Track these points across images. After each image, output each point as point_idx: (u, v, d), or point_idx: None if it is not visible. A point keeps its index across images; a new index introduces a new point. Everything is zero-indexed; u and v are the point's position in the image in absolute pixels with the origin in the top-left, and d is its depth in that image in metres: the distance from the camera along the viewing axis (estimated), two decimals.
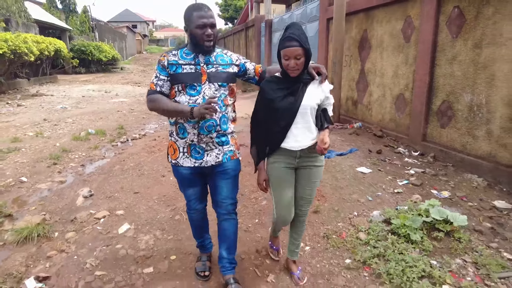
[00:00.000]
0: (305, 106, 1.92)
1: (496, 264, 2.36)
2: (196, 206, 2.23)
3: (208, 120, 1.92)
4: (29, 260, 2.76)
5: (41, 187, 4.23)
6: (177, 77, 1.92)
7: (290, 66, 1.84)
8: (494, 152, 3.75)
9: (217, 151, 2.04)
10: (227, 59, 2.03)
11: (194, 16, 1.84)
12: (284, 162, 2.03)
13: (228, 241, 2.20)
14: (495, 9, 3.63)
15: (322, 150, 1.86)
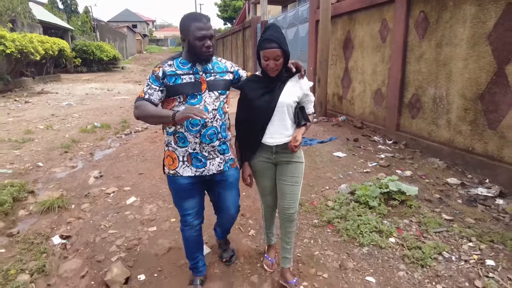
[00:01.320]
0: (281, 104, 1.96)
1: (434, 223, 2.92)
2: (193, 221, 2.13)
3: (210, 128, 1.94)
4: (52, 224, 3.31)
5: (56, 170, 4.79)
6: (177, 88, 1.89)
7: (269, 67, 1.89)
8: (452, 138, 4.31)
9: (219, 160, 2.04)
10: (222, 67, 2.05)
11: (193, 27, 1.83)
12: (262, 156, 2.09)
13: (225, 229, 2.45)
14: (451, 14, 4.19)
15: (293, 147, 1.91)
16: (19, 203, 3.75)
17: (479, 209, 3.23)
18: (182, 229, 2.18)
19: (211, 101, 1.94)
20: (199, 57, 1.90)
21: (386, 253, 2.58)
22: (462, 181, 3.78)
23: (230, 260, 2.51)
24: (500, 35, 3.60)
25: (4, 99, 10.91)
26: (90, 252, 2.83)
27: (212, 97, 1.95)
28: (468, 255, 2.54)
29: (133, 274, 2.48)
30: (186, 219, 2.12)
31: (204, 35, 1.82)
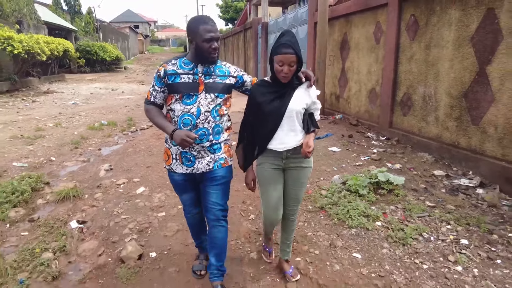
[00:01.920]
0: (291, 110, 1.98)
1: (418, 209, 3.21)
2: (192, 210, 2.32)
3: (200, 129, 1.99)
4: (69, 212, 3.61)
5: (68, 164, 5.09)
6: (174, 87, 1.96)
7: (283, 72, 1.89)
8: (440, 133, 4.60)
9: (209, 159, 2.07)
10: (225, 70, 2.07)
11: (201, 30, 1.88)
12: (271, 163, 2.08)
13: (217, 249, 2.22)
14: (439, 18, 4.48)
15: (307, 153, 1.92)
16: (36, 193, 4.04)
17: (460, 197, 3.52)
18: (185, 216, 2.41)
19: (205, 103, 1.98)
20: (205, 58, 1.95)
21: (372, 234, 2.87)
22: (447, 173, 4.07)
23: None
24: (481, 38, 3.89)
25: (12, 98, 11.23)
26: (105, 234, 3.13)
27: (207, 99, 1.98)
28: (445, 235, 2.83)
29: (145, 251, 2.78)
30: (186, 208, 2.35)
31: (211, 37, 1.88)
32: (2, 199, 3.60)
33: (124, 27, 41.12)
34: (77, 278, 2.57)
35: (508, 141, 3.65)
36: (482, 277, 2.35)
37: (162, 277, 2.49)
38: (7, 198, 3.64)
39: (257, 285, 2.38)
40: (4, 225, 3.29)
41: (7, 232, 3.20)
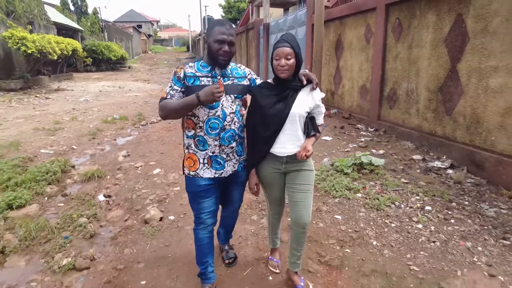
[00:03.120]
0: (294, 114, 1.94)
1: (393, 184, 3.80)
2: (207, 219, 2.16)
3: (228, 131, 1.99)
4: (95, 188, 4.21)
5: (88, 152, 5.69)
6: (195, 89, 1.90)
7: (280, 65, 1.87)
8: (420, 124, 5.17)
9: (235, 161, 2.11)
10: (241, 72, 2.09)
11: (215, 30, 1.89)
12: (271, 166, 2.07)
13: (228, 227, 2.57)
14: (419, 21, 5.05)
15: (302, 155, 1.89)
16: (65, 174, 4.64)
17: (432, 176, 4.10)
18: (196, 231, 2.22)
19: (228, 105, 1.98)
20: (215, 60, 1.93)
21: (352, 202, 3.46)
22: (424, 157, 4.65)
23: (232, 262, 2.55)
24: (452, 39, 4.47)
25: (26, 95, 11.85)
26: (129, 205, 3.72)
27: (229, 100, 1.99)
28: (413, 203, 3.41)
29: (165, 215, 3.38)
30: (200, 217, 2.16)
31: (223, 39, 1.88)
32: (39, 177, 4.19)
33: (128, 27, 41.73)
34: (109, 236, 3.16)
35: (473, 129, 4.23)
36: (436, 231, 2.94)
37: (179, 233, 3.08)
38: (42, 176, 4.24)
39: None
40: (43, 198, 3.88)
41: (46, 203, 3.79)
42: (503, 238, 2.84)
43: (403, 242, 2.80)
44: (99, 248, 2.97)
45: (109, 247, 2.97)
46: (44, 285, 2.50)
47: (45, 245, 2.99)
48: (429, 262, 2.55)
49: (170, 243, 2.93)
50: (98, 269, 2.66)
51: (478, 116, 4.16)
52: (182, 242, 2.93)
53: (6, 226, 3.23)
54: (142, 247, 2.91)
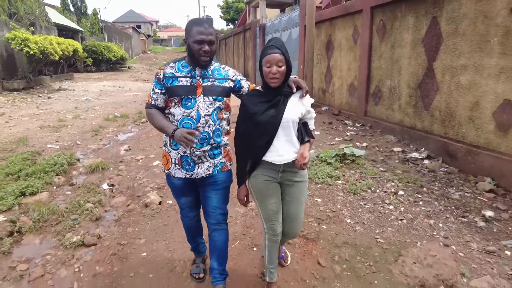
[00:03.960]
0: (287, 119, 1.90)
1: (372, 172, 4.16)
2: (189, 213, 2.30)
3: (201, 133, 1.96)
4: (99, 179, 4.57)
5: (92, 147, 6.05)
6: (172, 90, 1.94)
7: (271, 73, 1.83)
8: (402, 118, 5.54)
9: (208, 164, 2.06)
10: (224, 74, 2.05)
11: (194, 31, 1.87)
12: (267, 175, 2.00)
13: (218, 252, 2.22)
14: (400, 23, 5.42)
15: (301, 165, 1.84)
16: (71, 166, 5.00)
17: (409, 166, 4.47)
18: (182, 219, 2.38)
19: (204, 106, 1.96)
20: (196, 60, 1.92)
21: (332, 187, 3.83)
22: (403, 149, 5.02)
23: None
24: (429, 40, 4.83)
25: (29, 95, 12.21)
26: (131, 192, 4.09)
27: (206, 102, 1.96)
28: (387, 189, 3.78)
29: (163, 200, 3.74)
30: (183, 212, 2.33)
31: (202, 40, 1.86)
32: (48, 168, 4.56)
33: (127, 27, 42.07)
34: (113, 218, 3.53)
35: (447, 122, 4.60)
36: (405, 211, 3.31)
37: (176, 215, 3.42)
38: (51, 168, 4.60)
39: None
40: (52, 187, 4.24)
41: (55, 191, 4.16)
42: (462, 216, 3.21)
43: (374, 220, 3.17)
44: (105, 228, 3.33)
45: (113, 227, 3.33)
46: (58, 257, 2.86)
47: (56, 226, 3.35)
48: (394, 236, 2.92)
49: (168, 223, 3.29)
50: (104, 244, 3.03)
51: (451, 110, 4.52)
52: (179, 222, 3.27)
53: (21, 210, 3.59)
54: (143, 226, 3.28)
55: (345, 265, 2.56)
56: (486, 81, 3.98)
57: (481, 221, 3.11)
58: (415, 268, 2.45)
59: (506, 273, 2.44)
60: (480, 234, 2.94)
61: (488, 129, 4.00)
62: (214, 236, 2.21)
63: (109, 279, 2.57)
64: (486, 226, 3.04)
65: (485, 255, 2.64)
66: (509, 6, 3.64)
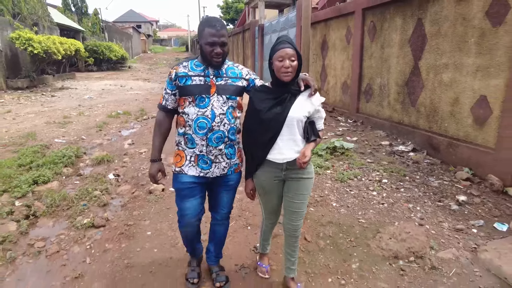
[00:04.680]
0: (291, 118, 1.89)
1: (359, 163, 4.48)
2: (191, 220, 2.14)
3: (216, 132, 1.96)
4: (105, 170, 4.88)
5: (97, 141, 6.36)
6: (186, 89, 1.94)
7: (284, 67, 1.82)
8: (391, 114, 5.85)
9: (225, 164, 2.06)
10: (237, 72, 2.05)
11: (206, 32, 1.86)
12: (270, 173, 2.01)
13: (217, 240, 2.37)
14: (389, 24, 5.73)
15: (301, 164, 1.84)
16: (78, 159, 5.31)
17: (395, 157, 4.78)
18: (181, 226, 2.23)
19: (219, 105, 1.95)
20: (210, 62, 1.93)
21: (321, 176, 4.14)
22: (391, 143, 5.33)
23: (223, 286, 2.34)
24: (415, 40, 5.15)
25: (33, 93, 12.51)
26: (135, 181, 4.40)
27: (220, 101, 1.96)
28: (373, 177, 4.10)
29: (166, 187, 4.05)
30: (184, 219, 2.15)
31: (214, 42, 1.86)
32: (57, 160, 4.87)
33: (128, 27, 42.36)
34: (120, 204, 3.84)
35: (432, 117, 4.91)
36: (387, 197, 3.62)
37: None
38: (60, 160, 4.91)
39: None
40: (62, 177, 4.55)
41: (65, 181, 4.46)
42: (439, 201, 3.52)
43: (358, 204, 3.49)
44: (112, 212, 3.64)
45: (120, 211, 3.64)
46: (70, 237, 3.17)
47: (67, 211, 3.65)
48: (375, 217, 3.23)
49: (171, 207, 3.60)
50: (112, 226, 3.34)
51: (435, 106, 4.84)
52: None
53: (35, 196, 3.90)
54: (147, 209, 3.59)
55: (329, 241, 2.88)
56: (464, 78, 4.29)
57: (455, 205, 3.43)
58: (390, 242, 2.77)
59: (470, 246, 2.75)
60: (453, 215, 3.25)
61: (466, 123, 4.31)
62: (217, 230, 2.34)
63: (118, 253, 2.88)
64: (459, 209, 3.36)
65: (454, 233, 2.96)
66: (484, 10, 3.95)
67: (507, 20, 3.70)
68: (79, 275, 2.61)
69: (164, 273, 2.58)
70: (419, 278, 2.41)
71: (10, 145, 5.73)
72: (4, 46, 12.80)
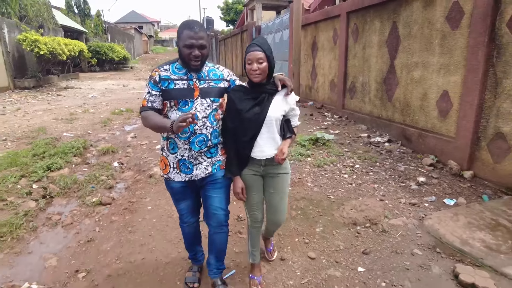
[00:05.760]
0: (270, 117, 1.97)
1: (337, 152, 5.00)
2: (189, 219, 2.25)
3: (199, 135, 1.95)
4: (110, 159, 5.41)
5: (102, 135, 6.90)
6: (169, 93, 1.91)
7: (252, 70, 1.90)
8: (371, 109, 6.38)
9: (206, 163, 2.05)
10: (219, 74, 2.05)
11: (184, 35, 1.84)
12: (249, 169, 2.10)
13: (217, 251, 2.26)
14: (369, 26, 6.26)
15: (279, 160, 1.96)
16: (85, 150, 5.85)
17: (370, 147, 5.31)
18: (181, 226, 2.33)
19: (202, 109, 1.95)
20: (188, 65, 1.91)
21: (301, 163, 4.67)
22: (369, 135, 5.86)
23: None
24: (391, 41, 5.67)
25: (39, 93, 13.08)
26: (138, 168, 4.94)
27: (203, 104, 1.96)
28: (347, 163, 4.62)
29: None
30: (182, 218, 2.26)
31: (191, 44, 1.83)
32: (67, 150, 5.41)
33: (129, 28, 42.90)
34: (124, 186, 4.38)
35: (405, 111, 5.43)
36: (356, 179, 4.15)
37: None
38: (69, 150, 5.45)
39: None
40: (71, 165, 5.09)
41: (75, 168, 5.00)
42: (402, 182, 4.04)
43: (330, 184, 4.02)
44: (117, 193, 4.18)
45: (124, 192, 4.18)
46: (82, 212, 3.71)
47: (78, 192, 4.19)
48: (343, 194, 3.76)
49: None
50: (118, 203, 3.88)
51: (407, 101, 5.36)
52: None
53: (49, 180, 4.44)
54: (148, 190, 4.13)
55: (300, 211, 3.41)
56: (431, 75, 4.81)
57: (415, 185, 3.95)
58: (351, 212, 3.29)
59: (419, 216, 3.27)
60: (411, 193, 3.78)
61: (433, 115, 4.83)
62: (215, 238, 2.23)
63: (122, 223, 3.42)
64: (417, 189, 3.88)
65: (408, 206, 3.48)
66: (445, 15, 4.47)
67: (462, 25, 4.22)
68: (91, 239, 3.15)
69: (161, 235, 3.12)
70: (370, 239, 2.94)
71: (24, 138, 6.29)
72: (11, 48, 13.37)
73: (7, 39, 13.12)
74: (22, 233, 3.24)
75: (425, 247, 2.79)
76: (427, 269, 2.51)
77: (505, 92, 3.73)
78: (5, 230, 3.19)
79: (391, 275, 2.46)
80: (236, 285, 2.43)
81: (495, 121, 3.86)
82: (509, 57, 3.66)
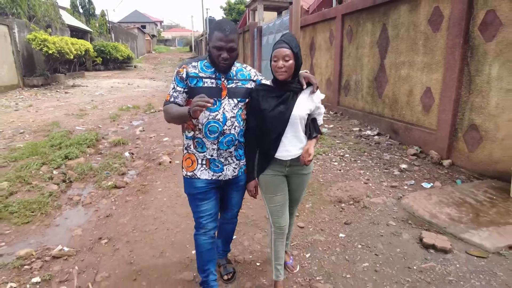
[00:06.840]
0: (295, 116, 1.93)
1: (329, 143, 5.45)
2: (208, 223, 2.11)
3: (227, 135, 1.94)
4: (121, 150, 5.88)
5: (112, 129, 7.37)
6: (197, 91, 1.87)
7: (277, 67, 1.86)
8: (364, 106, 6.82)
9: (234, 165, 2.07)
10: (246, 74, 2.03)
11: (215, 36, 1.83)
12: (274, 170, 2.04)
13: (226, 236, 2.46)
14: (362, 28, 6.70)
15: (305, 161, 1.92)
16: (97, 142, 6.32)
17: (361, 140, 5.76)
18: (196, 236, 2.17)
19: (229, 109, 1.93)
20: (217, 66, 1.90)
21: None
22: (360, 128, 6.30)
23: (231, 278, 2.43)
24: (381, 42, 6.11)
25: (48, 90, 13.58)
26: (147, 157, 5.40)
27: (231, 104, 1.94)
28: (337, 153, 5.07)
29: (172, 160, 5.05)
30: (201, 222, 2.11)
31: (221, 46, 1.82)
32: (81, 141, 5.89)
33: (133, 27, 43.40)
34: (135, 173, 4.84)
35: (393, 106, 5.88)
36: (345, 166, 4.60)
37: None
38: (83, 142, 5.92)
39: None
40: (86, 155, 5.56)
41: (89, 158, 5.47)
42: (385, 169, 4.49)
43: (320, 170, 4.47)
44: (129, 178, 4.63)
45: (136, 177, 4.65)
46: (99, 194, 4.17)
47: (94, 178, 4.65)
48: (331, 178, 4.21)
49: (177, 173, 4.60)
50: (131, 186, 4.34)
51: (396, 97, 5.80)
52: None
53: (67, 168, 4.91)
54: (158, 175, 4.59)
55: None
56: (416, 73, 5.25)
57: (397, 171, 4.40)
58: (337, 192, 3.75)
59: (398, 196, 3.72)
60: (393, 178, 4.23)
61: (417, 110, 5.27)
62: (226, 227, 2.41)
63: (136, 202, 3.88)
64: (399, 174, 4.33)
65: (389, 188, 3.93)
66: (427, 18, 4.92)
67: (442, 27, 4.66)
68: (109, 215, 3.61)
69: (172, 211, 3.59)
70: (352, 213, 3.39)
71: (39, 131, 6.76)
72: (21, 47, 13.87)
73: (17, 39, 13.61)
74: (49, 209, 3.70)
75: (399, 220, 3.24)
76: (398, 235, 2.96)
77: (477, 88, 4.17)
78: (35, 206, 3.66)
79: (367, 239, 2.91)
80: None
81: (470, 114, 4.30)
82: (481, 57, 4.10)
